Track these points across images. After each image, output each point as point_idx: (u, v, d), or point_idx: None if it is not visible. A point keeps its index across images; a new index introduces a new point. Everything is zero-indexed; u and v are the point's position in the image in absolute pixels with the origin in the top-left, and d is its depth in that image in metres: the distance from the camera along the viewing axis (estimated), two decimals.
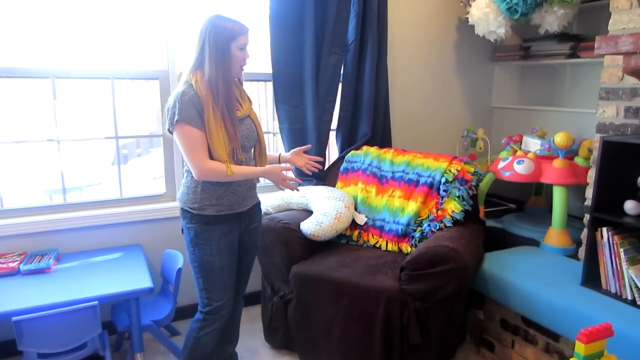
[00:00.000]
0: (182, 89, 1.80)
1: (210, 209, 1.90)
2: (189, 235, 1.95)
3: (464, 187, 2.60)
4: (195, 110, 1.78)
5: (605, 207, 2.11)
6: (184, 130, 1.79)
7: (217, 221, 1.92)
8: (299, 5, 2.76)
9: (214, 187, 1.89)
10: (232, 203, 1.94)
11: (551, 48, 3.10)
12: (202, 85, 1.80)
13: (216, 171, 1.82)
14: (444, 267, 2.13)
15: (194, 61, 1.84)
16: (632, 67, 1.98)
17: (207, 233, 1.92)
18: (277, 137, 3.13)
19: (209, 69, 1.80)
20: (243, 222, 2.03)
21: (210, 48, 1.79)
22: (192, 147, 1.80)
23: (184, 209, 1.95)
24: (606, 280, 2.12)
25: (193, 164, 1.81)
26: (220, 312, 2.00)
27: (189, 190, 1.93)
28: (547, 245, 2.61)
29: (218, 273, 1.96)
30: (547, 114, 3.35)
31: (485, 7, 2.83)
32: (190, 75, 1.84)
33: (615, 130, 2.30)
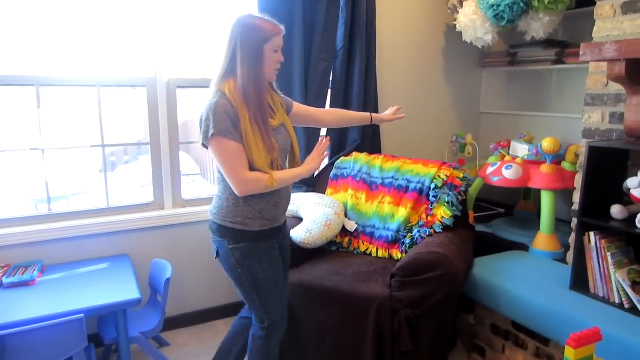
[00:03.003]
0: (215, 100, 1.66)
1: (254, 223, 1.77)
2: (233, 257, 1.78)
3: (454, 192, 2.60)
4: (230, 121, 1.65)
5: (593, 211, 2.12)
6: (221, 144, 1.65)
7: (263, 237, 1.80)
8: (287, 11, 2.75)
9: (257, 199, 1.76)
10: (273, 217, 1.82)
11: (537, 54, 3.14)
12: (236, 94, 1.67)
13: (258, 182, 1.69)
14: (434, 274, 2.13)
15: (225, 67, 1.71)
16: (616, 73, 2.01)
17: (257, 251, 1.79)
18: None
19: (241, 75, 1.67)
20: (280, 237, 1.92)
21: (242, 51, 1.66)
22: (231, 162, 1.67)
23: (223, 226, 1.78)
24: (594, 284, 2.13)
25: (234, 179, 1.68)
26: (281, 323, 1.94)
27: (229, 203, 1.77)
28: (536, 250, 2.63)
29: (274, 289, 1.85)
30: (534, 119, 3.39)
31: (472, 14, 2.85)
32: (221, 83, 1.71)
33: (601, 136, 2.33)
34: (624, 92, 2.20)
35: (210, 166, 4.96)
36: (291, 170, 1.84)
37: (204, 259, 2.90)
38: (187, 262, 2.86)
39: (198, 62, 2.96)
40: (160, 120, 2.76)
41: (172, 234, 2.80)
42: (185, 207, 2.88)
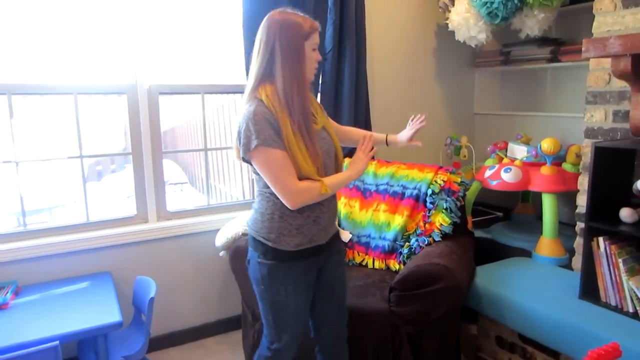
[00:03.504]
0: (253, 108, 1.52)
1: (288, 242, 1.61)
2: (259, 271, 1.66)
3: (451, 198, 2.49)
4: (272, 129, 1.51)
5: (600, 215, 2.02)
6: (266, 154, 1.51)
7: (296, 258, 1.63)
8: (272, 5, 2.62)
9: (294, 214, 1.60)
10: (312, 234, 1.65)
11: (532, 52, 3.05)
12: (275, 99, 1.53)
13: (310, 190, 1.55)
14: (435, 287, 2.00)
15: (261, 71, 1.56)
16: (621, 70, 1.91)
17: (284, 272, 1.64)
18: None
19: (281, 78, 1.53)
20: (322, 257, 1.74)
21: (282, 51, 1.51)
22: (280, 173, 1.52)
23: (256, 239, 1.67)
24: (605, 292, 2.02)
25: (284, 191, 1.54)
26: (290, 351, 1.77)
27: (264, 217, 1.64)
28: (539, 256, 2.52)
29: (292, 313, 1.70)
30: (529, 119, 3.30)
31: (465, 12, 2.75)
32: (257, 89, 1.57)
33: (604, 135, 2.23)
34: (627, 89, 2.11)
35: (199, 174, 4.82)
36: (340, 174, 1.69)
37: (192, 274, 2.75)
38: (173, 278, 2.71)
39: (181, 67, 2.83)
40: (142, 128, 2.61)
41: (157, 248, 2.65)
42: (170, 219, 2.73)
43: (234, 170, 3.96)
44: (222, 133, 3.77)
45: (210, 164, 4.17)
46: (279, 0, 2.62)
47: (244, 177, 3.58)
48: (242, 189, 3.87)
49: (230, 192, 4.09)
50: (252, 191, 3.04)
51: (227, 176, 3.99)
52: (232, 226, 2.56)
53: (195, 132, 3.92)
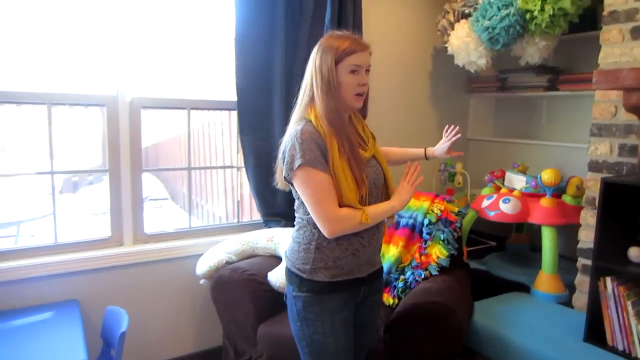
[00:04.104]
0: (301, 127, 1.48)
1: (322, 273, 1.53)
2: (295, 306, 1.58)
3: (449, 228, 2.37)
4: (319, 150, 1.46)
5: (607, 253, 1.92)
6: (310, 175, 1.45)
7: (331, 289, 1.55)
8: (268, 28, 2.51)
9: (332, 245, 1.53)
10: (351, 267, 1.56)
11: (529, 80, 2.99)
12: (323, 121, 1.49)
13: (351, 219, 1.48)
14: (436, 328, 1.87)
15: (307, 92, 1.54)
16: (633, 103, 1.84)
17: (319, 306, 1.54)
18: (241, 172, 2.81)
19: (320, 103, 1.50)
20: (362, 292, 1.63)
21: (316, 75, 1.50)
22: (321, 196, 1.46)
23: (291, 271, 1.59)
24: (612, 336, 1.92)
25: (323, 216, 1.47)
26: None
27: (300, 247, 1.57)
28: (538, 292, 2.41)
29: (333, 357, 1.57)
30: (524, 147, 3.22)
31: (465, 36, 2.67)
32: (306, 110, 1.53)
33: (609, 169, 2.14)
34: (634, 122, 2.03)
35: (181, 190, 4.60)
36: (382, 203, 1.59)
37: (168, 303, 2.55)
38: (148, 307, 2.50)
39: (166, 80, 2.67)
40: (121, 144, 2.42)
41: (132, 274, 2.44)
42: (147, 243, 2.53)
43: (217, 191, 3.79)
44: (207, 151, 3.60)
45: (195, 183, 3.99)
46: (274, 17, 2.51)
47: (228, 198, 3.41)
48: (225, 210, 3.69)
49: (213, 212, 3.90)
50: (237, 213, 2.87)
51: (211, 196, 3.81)
52: (215, 253, 2.39)
53: (179, 149, 3.74)
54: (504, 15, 2.48)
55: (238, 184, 2.86)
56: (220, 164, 3.48)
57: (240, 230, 2.74)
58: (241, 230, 2.74)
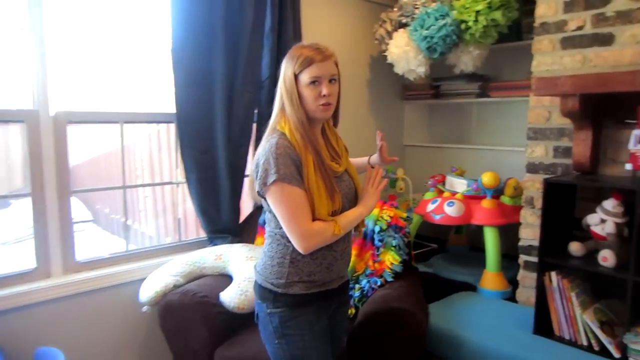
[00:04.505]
0: (275, 140, 1.45)
1: (298, 286, 1.51)
2: (271, 323, 1.52)
3: (399, 234, 2.39)
4: (294, 165, 1.44)
5: (550, 250, 2.04)
6: (285, 191, 1.42)
7: (307, 302, 1.52)
8: (207, 37, 2.39)
9: (306, 260, 1.51)
10: (324, 280, 1.55)
11: (461, 87, 3.12)
12: (298, 134, 1.46)
13: (324, 232, 1.46)
14: (400, 334, 1.87)
15: (278, 102, 1.52)
16: (569, 108, 1.96)
17: (298, 319, 1.51)
18: (181, 188, 2.65)
19: (288, 112, 1.49)
20: (333, 304, 1.63)
21: (281, 85, 1.50)
22: (295, 212, 1.43)
23: (263, 287, 1.53)
24: (559, 326, 2.03)
25: (298, 232, 1.44)
26: None
27: (274, 261, 1.52)
28: (484, 290, 2.50)
29: None
30: (457, 152, 3.37)
31: (405, 45, 2.73)
32: (280, 121, 1.50)
33: (545, 170, 2.28)
34: (566, 126, 2.18)
35: (102, 210, 4.24)
36: (350, 211, 1.56)
37: (109, 336, 2.32)
38: (87, 343, 2.25)
39: (97, 91, 2.45)
40: (45, 164, 2.18)
41: (64, 309, 2.19)
42: (79, 271, 2.29)
43: (152, 209, 3.55)
44: (139, 168, 3.36)
45: (126, 202, 3.69)
46: (213, 26, 2.40)
47: (167, 217, 3.21)
48: (157, 230, 3.46)
49: (143, 232, 3.65)
50: (180, 233, 2.70)
51: (144, 216, 3.56)
52: (159, 276, 2.22)
53: (110, 166, 3.46)
54: (441, 25, 2.57)
55: (178, 201, 2.70)
56: (158, 180, 3.28)
57: (182, 250, 2.58)
58: (184, 250, 2.58)
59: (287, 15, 2.64)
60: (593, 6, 2.09)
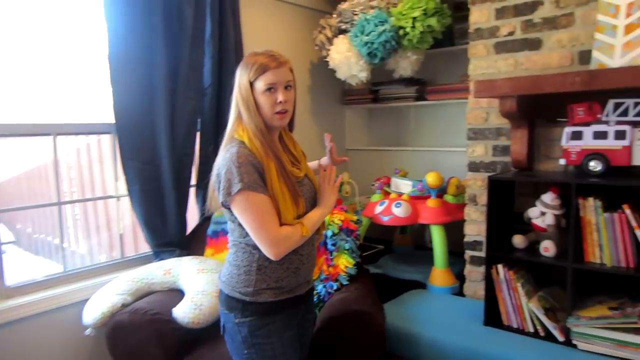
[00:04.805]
0: (236, 149, 1.43)
1: (266, 294, 1.50)
2: (239, 333, 1.50)
3: (351, 237, 2.42)
4: (257, 172, 1.43)
5: (496, 244, 2.14)
6: (251, 199, 1.41)
7: (276, 309, 1.51)
8: (146, 43, 2.29)
9: (273, 266, 1.50)
10: (292, 285, 1.54)
11: (399, 91, 3.22)
12: (258, 142, 1.45)
13: (292, 236, 1.47)
14: (362, 336, 1.88)
15: (234, 110, 1.51)
16: (507, 109, 2.08)
17: (268, 327, 1.49)
18: (125, 201, 2.51)
19: (245, 120, 1.48)
20: (301, 310, 1.62)
21: (237, 93, 1.50)
22: (262, 219, 1.42)
23: (230, 297, 1.51)
24: (507, 316, 2.13)
25: (268, 239, 1.43)
26: None
27: (240, 269, 1.50)
28: (433, 286, 2.58)
29: None
30: (396, 154, 3.47)
31: (346, 51, 2.78)
32: (236, 128, 1.49)
33: (486, 168, 2.40)
34: (503, 126, 2.31)
35: (24, 230, 3.92)
36: (313, 212, 1.58)
37: None
38: None
39: (26, 101, 2.27)
40: None
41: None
42: (11, 297, 2.10)
43: (83, 226, 3.33)
44: (73, 182, 3.14)
45: (60, 220, 3.42)
46: (153, 32, 2.31)
47: (101, 233, 3.02)
48: (97, 247, 3.26)
49: (79, 251, 3.42)
50: (122, 249, 2.55)
51: (73, 233, 3.33)
52: (104, 296, 2.09)
53: (34, 183, 3.21)
54: (381, 31, 2.64)
55: (118, 216, 2.55)
56: (89, 195, 3.09)
57: (126, 267, 2.46)
58: (127, 267, 2.45)
59: (227, 22, 2.60)
60: (522, 13, 2.23)
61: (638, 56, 1.84)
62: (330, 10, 3.17)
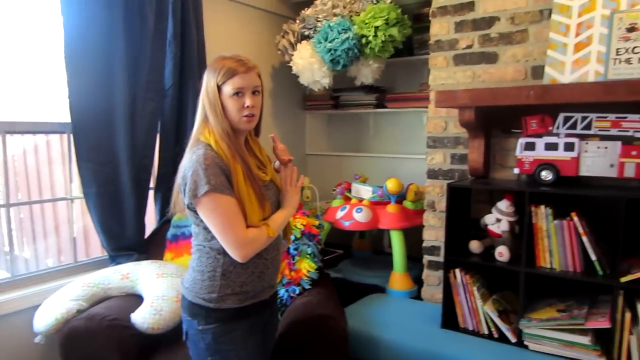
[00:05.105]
0: (202, 151, 1.42)
1: (231, 300, 1.49)
2: (203, 340, 1.48)
3: (313, 242, 2.44)
4: (224, 175, 1.42)
5: (454, 249, 2.22)
6: (218, 201, 1.41)
7: (240, 316, 1.50)
8: (105, 42, 2.22)
9: (238, 270, 1.50)
10: (256, 290, 1.54)
11: (359, 98, 3.28)
12: (224, 145, 1.45)
13: (259, 237, 1.47)
14: (326, 340, 1.90)
15: (200, 113, 1.51)
16: (466, 119, 2.17)
17: (232, 334, 1.49)
18: (78, 204, 2.41)
19: (212, 123, 1.48)
20: (265, 315, 1.62)
21: (204, 96, 1.50)
22: (229, 221, 1.42)
23: (194, 303, 1.49)
24: (463, 319, 2.21)
25: (235, 242, 1.43)
26: None
27: (204, 275, 1.49)
28: (393, 290, 2.64)
29: None
30: (355, 160, 3.53)
31: (309, 57, 2.80)
32: (202, 131, 1.49)
33: (444, 176, 2.49)
34: (461, 135, 2.40)
35: None
36: (278, 214, 1.59)
37: None
38: None
39: None
40: None
41: None
42: None
43: (29, 230, 3.17)
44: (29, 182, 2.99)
45: None
46: (112, 31, 2.24)
47: (49, 237, 2.89)
48: (43, 251, 3.11)
49: (25, 255, 3.25)
50: (75, 253, 2.45)
51: (18, 236, 3.16)
52: (58, 302, 2.00)
53: None
54: (344, 38, 2.68)
55: (72, 218, 2.45)
56: (44, 196, 2.95)
57: (79, 271, 2.38)
58: (80, 271, 2.38)
59: (189, 24, 2.56)
60: (479, 27, 2.33)
61: (586, 73, 1.96)
62: (293, 16, 3.19)
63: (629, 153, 1.87)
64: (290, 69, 3.07)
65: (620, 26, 1.91)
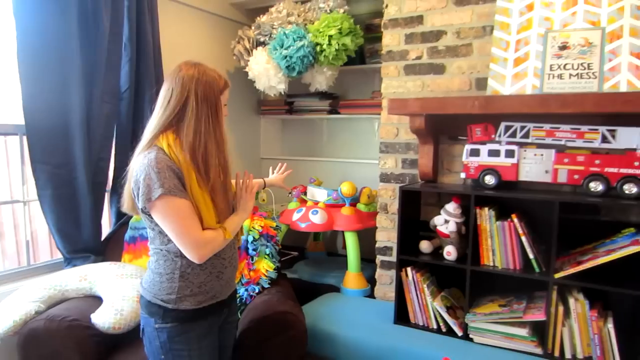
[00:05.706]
0: (154, 155, 1.42)
1: (189, 301, 1.51)
2: (158, 338, 1.51)
3: (271, 243, 2.51)
4: (177, 178, 1.43)
5: (406, 249, 2.35)
6: (171, 203, 1.41)
7: (197, 316, 1.54)
8: (60, 43, 2.19)
9: (196, 271, 1.52)
10: (215, 291, 1.58)
11: (313, 104, 3.38)
12: (178, 149, 1.46)
13: (216, 239, 1.50)
14: (287, 337, 1.97)
15: (167, 121, 1.48)
16: (417, 126, 2.30)
17: (185, 335, 1.52)
18: (31, 206, 2.34)
19: (192, 131, 1.46)
20: (223, 314, 1.66)
21: (200, 106, 1.48)
22: (184, 223, 1.44)
23: (152, 303, 1.52)
24: (414, 314, 2.34)
25: (192, 243, 1.45)
26: None
27: (162, 277, 1.51)
28: (347, 289, 2.74)
29: None
30: (310, 164, 3.61)
31: (265, 62, 2.86)
32: (157, 138, 1.47)
33: (396, 180, 2.62)
34: (412, 141, 2.54)
35: None
36: (233, 217, 1.63)
37: None
38: None
39: None
40: None
41: None
42: None
43: None
44: None
45: None
46: (68, 32, 2.21)
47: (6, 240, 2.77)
48: None
49: None
50: (28, 257, 2.38)
51: None
52: (15, 304, 1.97)
53: None
54: (299, 46, 2.77)
55: (26, 221, 2.38)
56: None
57: (33, 274, 2.34)
58: (34, 274, 2.34)
59: (145, 27, 2.56)
60: (428, 40, 2.48)
61: (524, 86, 2.15)
62: (248, 22, 3.24)
63: (562, 160, 2.07)
64: (245, 74, 3.12)
65: (553, 44, 2.12)
